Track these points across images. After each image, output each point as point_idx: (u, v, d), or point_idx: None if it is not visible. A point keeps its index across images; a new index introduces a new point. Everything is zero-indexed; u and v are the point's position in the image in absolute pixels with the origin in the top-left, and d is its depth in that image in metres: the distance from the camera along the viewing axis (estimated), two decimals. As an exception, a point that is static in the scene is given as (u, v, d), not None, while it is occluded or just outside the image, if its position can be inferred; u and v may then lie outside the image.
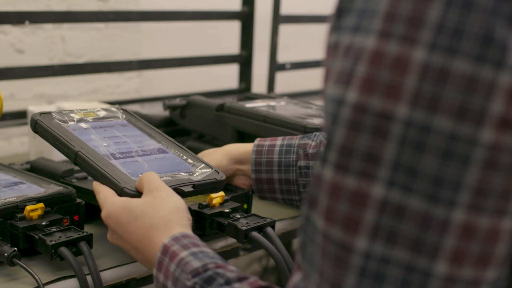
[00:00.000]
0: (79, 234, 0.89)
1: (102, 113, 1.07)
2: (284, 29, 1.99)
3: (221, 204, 0.98)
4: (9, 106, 1.55)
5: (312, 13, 2.11)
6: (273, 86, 1.96)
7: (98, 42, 1.85)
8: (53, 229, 0.90)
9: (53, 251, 0.86)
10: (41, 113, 1.00)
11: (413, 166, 0.44)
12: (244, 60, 1.94)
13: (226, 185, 1.02)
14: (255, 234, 0.92)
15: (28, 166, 1.20)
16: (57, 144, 0.97)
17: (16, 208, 0.92)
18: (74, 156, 0.94)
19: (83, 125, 1.02)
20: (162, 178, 0.89)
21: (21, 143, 1.76)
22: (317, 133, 1.05)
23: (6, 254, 0.86)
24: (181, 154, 1.02)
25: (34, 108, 1.42)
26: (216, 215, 0.96)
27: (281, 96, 1.44)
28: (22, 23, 1.41)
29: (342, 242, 0.46)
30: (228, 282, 0.66)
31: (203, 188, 0.95)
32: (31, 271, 0.84)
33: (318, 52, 2.48)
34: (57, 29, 1.75)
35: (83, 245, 0.88)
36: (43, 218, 0.93)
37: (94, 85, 1.86)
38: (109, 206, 0.84)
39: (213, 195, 0.97)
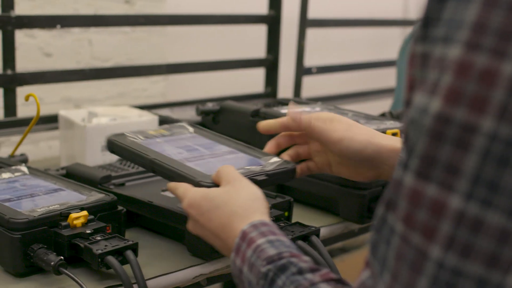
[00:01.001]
0: (124, 243, 0.88)
1: (172, 130, 1.12)
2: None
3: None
4: (44, 111, 1.54)
5: (338, 17, 2.10)
6: (299, 91, 1.94)
7: (125, 46, 1.85)
8: (98, 238, 0.89)
9: (99, 260, 0.85)
10: (115, 134, 1.05)
11: (494, 180, 0.44)
12: (270, 64, 1.93)
13: (265, 192, 1.01)
14: None
15: (63, 171, 1.19)
16: (133, 157, 1.00)
17: (60, 216, 0.91)
18: (151, 164, 0.97)
19: (156, 140, 1.06)
20: None
21: (48, 147, 1.75)
22: None
23: (52, 263, 0.85)
24: (252, 152, 1.05)
25: (65, 113, 1.41)
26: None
27: (315, 101, 1.42)
28: (54, 27, 1.40)
29: (420, 248, 0.46)
30: (301, 271, 0.67)
31: (276, 177, 0.97)
32: (78, 281, 0.83)
33: (340, 55, 2.48)
34: (84, 32, 1.75)
35: (129, 254, 0.87)
36: (87, 226, 0.92)
37: (121, 89, 1.86)
38: (190, 196, 0.85)
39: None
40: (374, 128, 1.17)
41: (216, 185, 0.88)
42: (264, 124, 1.06)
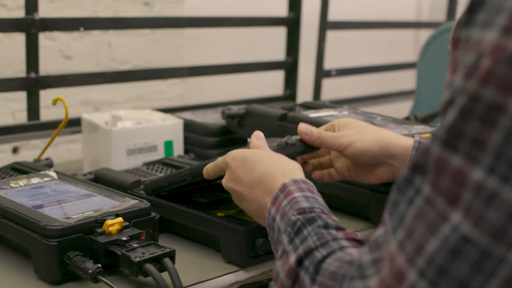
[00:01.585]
0: (162, 250, 0.87)
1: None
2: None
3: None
4: (60, 114, 1.52)
5: (358, 19, 2.09)
6: (319, 93, 1.93)
7: (143, 48, 1.83)
8: (135, 245, 0.88)
9: (137, 268, 0.84)
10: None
11: None
12: (290, 67, 1.92)
13: None
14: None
15: (91, 176, 1.18)
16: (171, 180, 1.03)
17: (95, 223, 0.90)
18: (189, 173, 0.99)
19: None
20: None
21: (67, 150, 1.74)
22: None
23: (90, 271, 0.83)
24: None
25: (88, 116, 1.39)
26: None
27: (341, 105, 1.41)
28: (77, 30, 1.39)
29: (442, 211, 0.49)
30: (327, 226, 0.71)
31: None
32: (118, 289, 0.82)
33: (353, 58, 2.46)
34: (103, 34, 1.73)
35: (167, 262, 0.85)
36: (122, 232, 0.91)
37: (139, 91, 1.84)
38: (235, 151, 0.88)
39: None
40: (404, 133, 1.16)
41: None
42: None
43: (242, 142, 1.45)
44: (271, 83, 2.06)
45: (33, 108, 1.39)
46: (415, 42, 3.07)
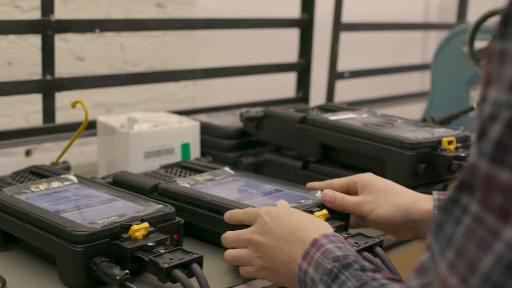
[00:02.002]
0: (190, 256, 0.85)
1: (220, 175, 1.16)
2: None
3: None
4: (73, 116, 1.51)
5: (371, 21, 2.07)
6: (332, 96, 1.92)
7: (156, 49, 1.82)
8: (162, 250, 0.86)
9: (166, 274, 0.82)
10: (167, 182, 1.11)
11: None
12: (303, 69, 1.90)
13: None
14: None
15: (110, 179, 1.16)
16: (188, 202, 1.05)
17: (121, 228, 0.88)
18: (207, 205, 1.02)
19: (208, 184, 1.12)
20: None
21: (80, 152, 1.72)
22: None
23: (118, 277, 0.82)
24: (295, 188, 1.10)
25: (103, 119, 1.38)
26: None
27: (360, 108, 1.39)
28: (93, 32, 1.38)
29: (493, 228, 0.48)
30: (363, 269, 0.72)
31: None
32: (147, 296, 0.80)
33: (361, 59, 2.44)
34: (116, 36, 1.72)
35: (196, 268, 0.84)
36: (148, 238, 0.89)
37: (151, 93, 1.83)
38: (270, 207, 0.91)
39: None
40: (427, 136, 1.14)
41: None
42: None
43: (260, 145, 1.44)
44: (282, 85, 2.04)
45: (48, 110, 1.38)
46: (422, 44, 3.06)
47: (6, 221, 0.96)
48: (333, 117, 1.27)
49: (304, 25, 1.88)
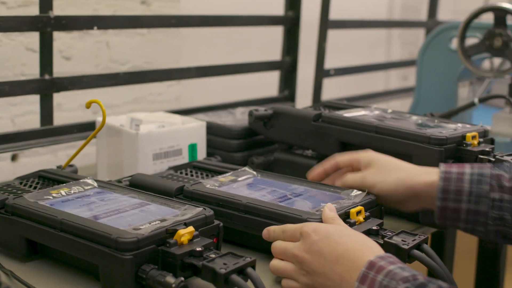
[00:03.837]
0: (244, 260, 0.82)
1: (242, 175, 1.12)
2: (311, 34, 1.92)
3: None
4: (58, 118, 1.44)
5: (358, 18, 2.06)
6: (319, 94, 1.90)
7: (141, 48, 1.76)
8: (212, 255, 0.82)
9: (224, 279, 0.79)
10: (193, 184, 1.07)
11: None
12: (289, 67, 1.88)
13: None
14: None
15: (127, 182, 1.11)
16: (222, 204, 1.01)
17: (166, 233, 0.84)
18: (244, 208, 0.98)
19: (234, 185, 1.08)
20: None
21: (66, 155, 1.65)
22: (509, 165, 0.98)
23: (174, 285, 0.77)
24: (328, 188, 1.07)
25: (101, 120, 1.32)
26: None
27: (367, 105, 1.38)
28: (91, 29, 1.32)
29: None
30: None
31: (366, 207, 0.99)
32: (208, 304, 0.76)
33: (338, 58, 2.44)
34: (103, 34, 1.66)
35: (251, 272, 0.80)
36: (193, 242, 0.85)
37: (137, 94, 1.77)
38: (316, 223, 0.87)
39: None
40: (452, 132, 1.14)
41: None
42: (316, 174, 1.14)
43: (267, 144, 1.41)
44: (264, 84, 2.01)
45: (46, 112, 1.31)
46: (386, 42, 3.08)
47: (34, 229, 0.90)
48: (347, 114, 1.25)
49: (291, 22, 1.85)
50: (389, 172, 1.03)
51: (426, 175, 1.00)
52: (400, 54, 3.11)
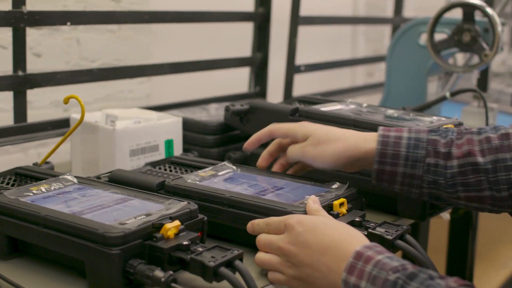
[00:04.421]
0: (231, 253, 0.82)
1: (222, 170, 1.12)
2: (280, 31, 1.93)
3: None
4: (29, 116, 1.42)
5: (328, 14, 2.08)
6: (291, 90, 1.91)
7: (111, 45, 1.75)
8: (200, 249, 0.82)
9: (213, 272, 0.79)
10: (174, 179, 1.05)
11: None
12: (260, 63, 1.88)
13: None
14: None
15: (106, 178, 1.10)
16: (205, 199, 1.00)
17: (152, 228, 0.83)
18: (227, 202, 0.97)
19: (215, 179, 1.07)
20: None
21: (37, 154, 1.63)
22: (445, 130, 1.01)
23: (163, 279, 0.77)
24: (305, 181, 1.08)
25: (76, 116, 1.31)
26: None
27: (342, 100, 1.39)
28: (64, 24, 1.30)
29: None
30: (432, 277, 0.72)
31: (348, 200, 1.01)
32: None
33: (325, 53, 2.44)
34: (73, 30, 1.64)
35: (240, 265, 0.81)
36: (179, 236, 0.85)
37: (108, 91, 1.75)
38: (300, 215, 0.87)
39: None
40: (428, 125, 1.15)
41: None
42: (250, 141, 1.17)
43: (244, 139, 1.40)
44: (234, 81, 2.01)
45: (20, 109, 1.29)
46: (352, 38, 3.11)
47: (16, 226, 0.88)
48: (324, 108, 1.26)
49: (261, 18, 1.86)
50: (328, 143, 1.04)
51: (365, 144, 1.02)
52: (364, 51, 3.14)
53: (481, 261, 2.09)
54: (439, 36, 1.73)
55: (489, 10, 1.59)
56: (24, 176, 1.08)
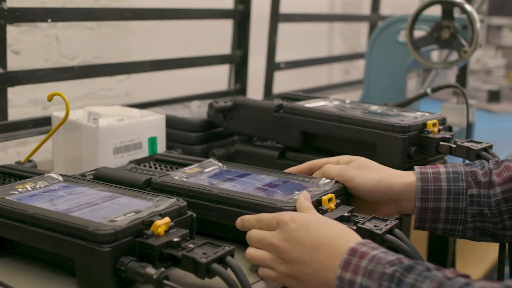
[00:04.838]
0: (223, 249, 0.81)
1: (208, 167, 1.11)
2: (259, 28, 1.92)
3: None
4: (13, 114, 1.40)
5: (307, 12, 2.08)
6: (271, 87, 1.91)
7: (91, 42, 1.73)
8: (190, 245, 0.82)
9: (205, 269, 0.78)
10: (161, 176, 1.05)
11: None
12: (240, 60, 1.88)
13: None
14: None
15: (91, 176, 1.09)
16: (193, 195, 0.99)
17: (142, 225, 0.83)
18: (216, 198, 0.97)
19: (202, 176, 1.07)
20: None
21: (17, 152, 1.60)
22: (480, 162, 1.00)
23: (155, 276, 0.77)
24: (292, 177, 1.07)
25: (58, 114, 1.29)
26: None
27: (326, 96, 1.39)
28: (45, 21, 1.29)
29: None
30: (429, 269, 0.72)
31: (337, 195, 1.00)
32: (192, 294, 0.76)
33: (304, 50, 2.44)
34: (52, 28, 1.62)
35: (231, 261, 0.80)
36: (169, 233, 0.84)
37: (87, 89, 1.74)
38: (293, 212, 0.87)
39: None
40: (413, 120, 1.16)
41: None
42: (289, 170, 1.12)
43: (226, 137, 1.40)
44: (212, 78, 2.01)
45: (0, 107, 1.27)
46: (328, 36, 3.11)
47: (2, 225, 0.87)
48: (308, 104, 1.26)
49: (241, 16, 1.85)
50: (369, 170, 1.02)
51: (405, 176, 1.01)
52: (341, 48, 3.15)
53: (460, 256, 2.11)
54: (418, 33, 1.75)
55: (468, 7, 1.61)
56: (7, 175, 1.06)
